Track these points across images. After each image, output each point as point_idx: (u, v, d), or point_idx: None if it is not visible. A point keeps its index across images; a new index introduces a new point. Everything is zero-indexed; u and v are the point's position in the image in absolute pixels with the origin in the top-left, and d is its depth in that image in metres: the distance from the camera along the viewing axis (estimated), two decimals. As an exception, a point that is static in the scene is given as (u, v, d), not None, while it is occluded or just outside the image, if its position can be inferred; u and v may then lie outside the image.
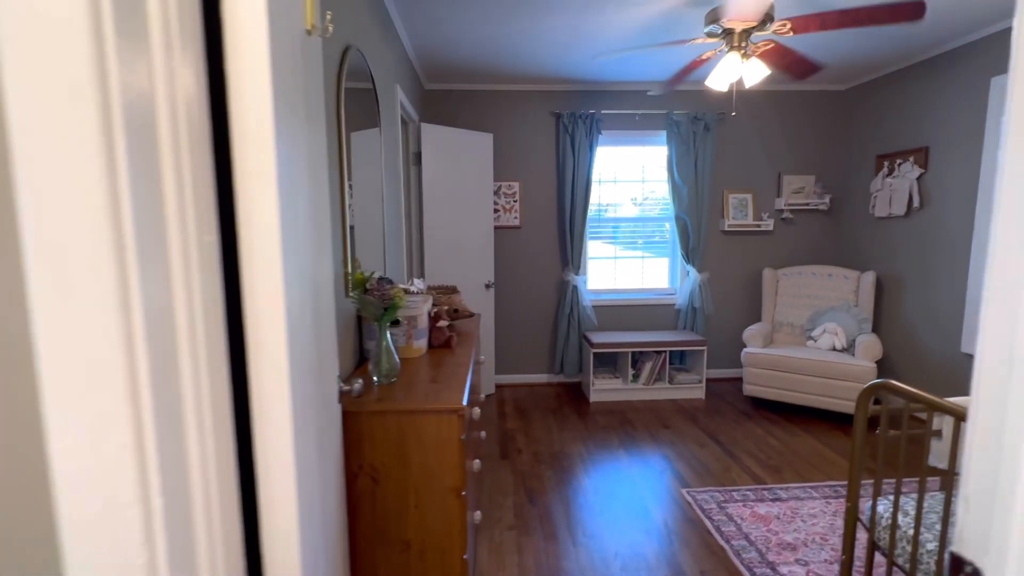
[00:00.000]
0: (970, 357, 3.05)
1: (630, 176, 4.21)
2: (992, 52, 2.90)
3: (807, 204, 4.10)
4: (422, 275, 3.56)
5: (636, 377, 3.94)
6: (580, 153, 3.92)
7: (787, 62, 2.55)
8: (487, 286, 3.84)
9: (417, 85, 3.59)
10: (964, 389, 3.09)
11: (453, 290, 2.63)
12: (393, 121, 2.69)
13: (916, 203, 3.41)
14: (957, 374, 3.14)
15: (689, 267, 4.11)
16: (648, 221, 4.26)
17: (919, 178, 3.40)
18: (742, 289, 4.30)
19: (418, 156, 3.48)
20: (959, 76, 3.11)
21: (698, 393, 3.92)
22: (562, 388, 4.17)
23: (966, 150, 3.06)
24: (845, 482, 2.58)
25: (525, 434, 3.27)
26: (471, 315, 2.45)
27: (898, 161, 3.55)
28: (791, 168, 4.18)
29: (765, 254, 4.26)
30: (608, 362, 4.27)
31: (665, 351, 3.86)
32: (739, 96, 4.05)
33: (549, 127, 4.03)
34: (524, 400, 3.89)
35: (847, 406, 3.26)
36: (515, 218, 4.08)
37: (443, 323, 2.07)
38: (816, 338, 3.67)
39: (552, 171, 4.08)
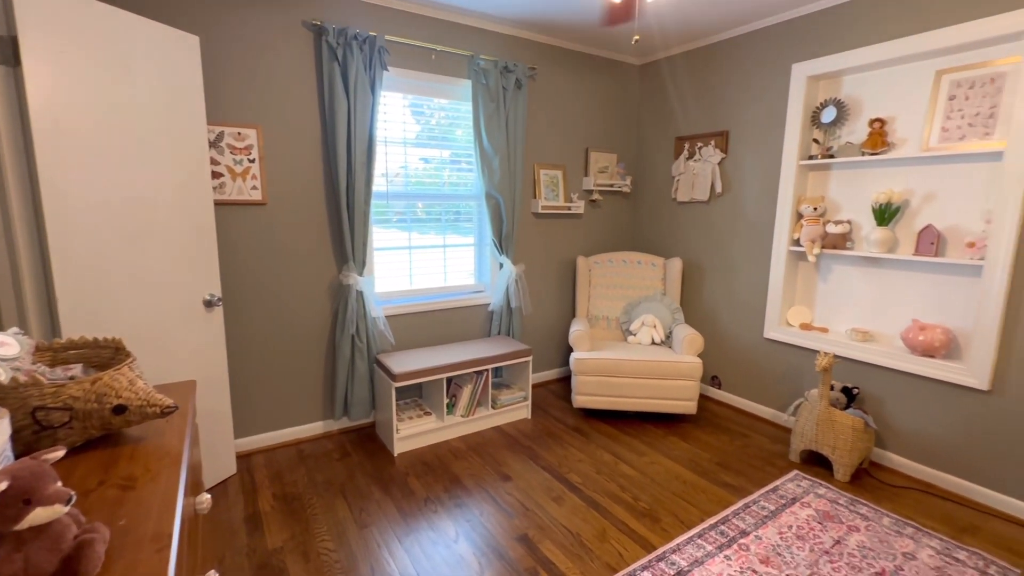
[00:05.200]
0: (772, 343, 3.12)
1: (428, 136, 3.12)
2: (793, 37, 2.88)
3: (612, 185, 3.79)
4: (21, 324, 1.78)
5: (452, 408, 2.98)
6: (358, 94, 2.63)
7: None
8: (208, 304, 2.25)
9: None
10: (768, 375, 3.17)
11: (116, 352, 1.14)
12: None
13: (718, 188, 3.35)
14: (760, 361, 3.21)
15: (503, 258, 3.32)
16: (449, 199, 3.27)
17: (720, 163, 3.34)
18: (555, 280, 3.76)
19: (13, 47, 1.64)
20: (759, 60, 3.06)
21: (523, 412, 3.21)
22: (349, 438, 2.89)
23: (767, 135, 3.05)
24: (722, 515, 2.19)
25: (297, 550, 1.95)
26: (165, 411, 1.04)
27: (699, 144, 3.46)
28: (597, 144, 3.78)
29: (576, 240, 3.81)
30: (413, 392, 3.18)
31: (487, 369, 3.00)
32: (543, 53, 3.39)
33: (304, 45, 2.59)
34: (289, 471, 2.49)
35: (676, 406, 3.02)
36: (254, 188, 2.54)
37: (54, 455, 0.66)
38: (635, 332, 3.37)
39: (314, 116, 2.67)
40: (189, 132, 2.11)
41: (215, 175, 2.42)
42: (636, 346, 3.26)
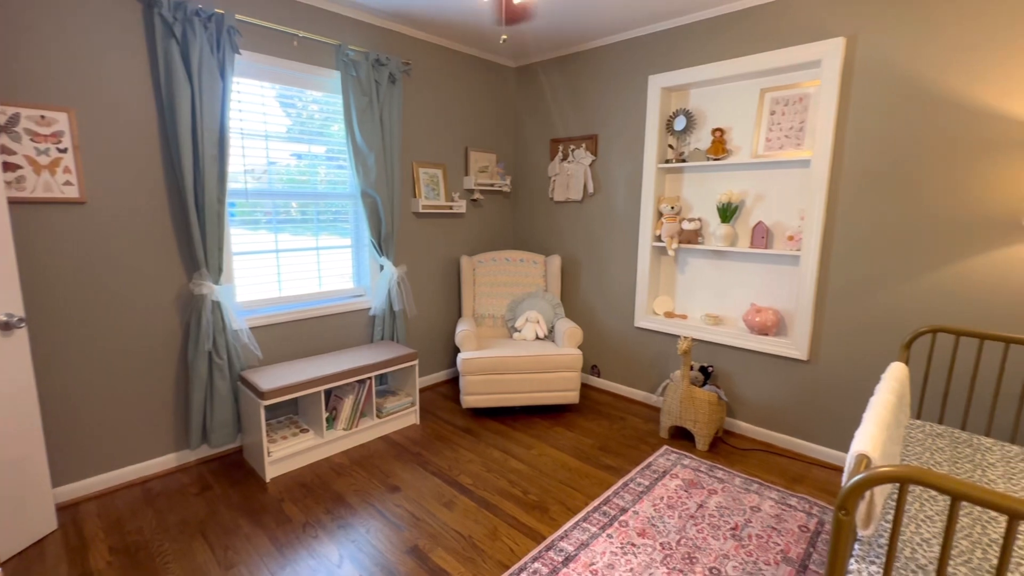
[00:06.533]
0: (642, 331, 3.40)
1: (301, 131, 2.85)
2: (649, 51, 3.15)
3: (492, 185, 3.83)
4: None
5: (332, 422, 2.78)
6: (203, 78, 2.31)
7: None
8: (5, 326, 1.82)
9: None
10: (640, 361, 3.44)
11: None
12: None
13: (591, 189, 3.56)
14: (633, 348, 3.47)
15: (383, 259, 3.18)
16: (324, 198, 3.04)
17: (591, 164, 3.55)
18: (440, 280, 3.70)
19: None
20: (622, 70, 3.30)
21: (411, 418, 3.11)
22: (211, 468, 2.55)
23: (631, 140, 3.31)
24: (604, 496, 2.32)
25: (150, 611, 1.66)
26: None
27: (572, 147, 3.64)
28: (477, 144, 3.79)
29: (459, 239, 3.78)
30: (287, 409, 2.91)
31: (370, 377, 2.85)
32: (418, 48, 3.31)
33: (131, 16, 2.21)
34: (133, 516, 2.12)
35: (561, 397, 3.15)
36: (68, 183, 2.11)
37: None
38: (520, 328, 3.45)
39: (147, 101, 2.29)
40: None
41: (9, 167, 1.96)
42: (521, 342, 3.33)
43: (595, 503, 2.28)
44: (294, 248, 2.95)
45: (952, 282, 2.25)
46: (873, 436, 1.16)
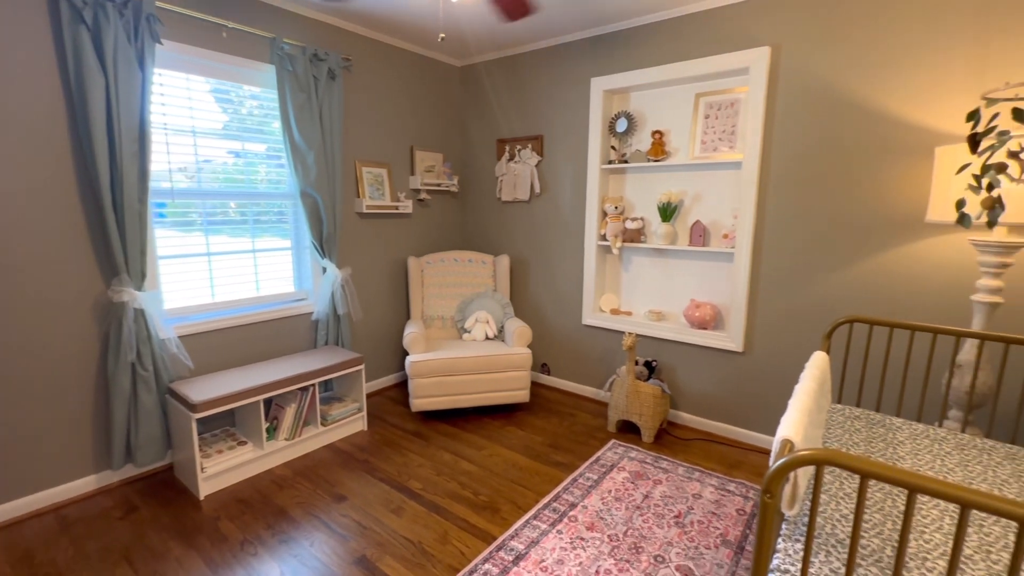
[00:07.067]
0: (590, 328, 3.47)
1: (240, 127, 2.70)
2: (591, 54, 3.21)
3: (439, 185, 3.79)
4: None
5: (273, 432, 2.65)
6: (119, 69, 2.15)
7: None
8: None
9: None
10: (588, 358, 3.51)
11: None
12: None
13: (537, 189, 3.59)
14: (581, 345, 3.53)
15: (326, 261, 3.07)
16: (263, 198, 2.89)
17: (538, 165, 3.58)
18: (387, 282, 3.62)
19: None
20: (565, 72, 3.35)
21: (359, 424, 3.02)
22: (136, 489, 2.37)
23: (575, 141, 3.36)
24: (554, 493, 2.35)
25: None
26: None
27: (518, 147, 3.66)
28: (422, 143, 3.74)
29: (406, 240, 3.71)
30: (223, 421, 2.75)
31: (313, 384, 2.75)
32: (359, 44, 3.22)
33: (32, 0, 2.02)
34: (45, 547, 1.93)
35: (511, 396, 3.16)
36: (-41, 182, 1.89)
37: None
38: (469, 329, 3.44)
39: (53, 91, 2.10)
40: None
41: None
42: (471, 343, 3.32)
43: (545, 500, 2.30)
44: (229, 251, 2.79)
45: (869, 274, 2.43)
46: (795, 422, 1.24)
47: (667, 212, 3.03)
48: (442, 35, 1.98)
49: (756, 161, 2.65)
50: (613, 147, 3.26)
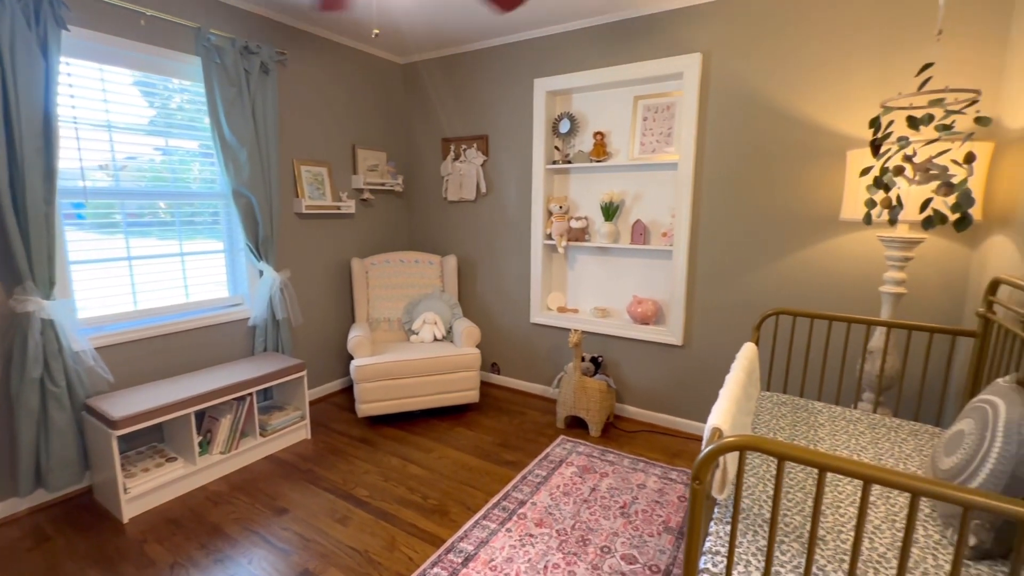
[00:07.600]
0: (538, 326, 3.51)
1: (167, 123, 2.51)
2: (533, 55, 3.25)
3: (383, 184, 3.71)
4: None
5: (206, 446, 2.51)
6: (17, 57, 1.96)
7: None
8: None
9: None
10: (537, 356, 3.55)
11: None
12: None
13: (483, 189, 3.59)
14: (529, 343, 3.57)
15: (263, 264, 2.94)
16: (195, 198, 2.72)
17: (483, 164, 3.58)
18: (330, 285, 3.50)
19: None
20: (508, 72, 3.37)
21: (302, 433, 2.91)
22: (49, 516, 2.17)
23: (520, 141, 3.39)
24: (503, 491, 2.36)
25: None
26: None
27: (463, 146, 3.64)
28: (365, 141, 3.65)
29: (350, 241, 3.61)
30: (150, 437, 2.56)
31: (250, 393, 2.62)
32: (294, 38, 3.10)
33: (-92, -21, 1.80)
34: (-61, 592, 1.74)
35: (461, 397, 3.15)
36: None
37: None
38: (417, 331, 3.39)
39: (-62, 82, 1.88)
40: None
41: None
42: (419, 345, 3.27)
43: (495, 499, 2.31)
44: (154, 255, 2.61)
45: (793, 269, 2.60)
46: (725, 411, 1.31)
47: (610, 211, 3.11)
48: (376, 30, 1.94)
49: (691, 162, 2.77)
50: (557, 147, 3.31)
